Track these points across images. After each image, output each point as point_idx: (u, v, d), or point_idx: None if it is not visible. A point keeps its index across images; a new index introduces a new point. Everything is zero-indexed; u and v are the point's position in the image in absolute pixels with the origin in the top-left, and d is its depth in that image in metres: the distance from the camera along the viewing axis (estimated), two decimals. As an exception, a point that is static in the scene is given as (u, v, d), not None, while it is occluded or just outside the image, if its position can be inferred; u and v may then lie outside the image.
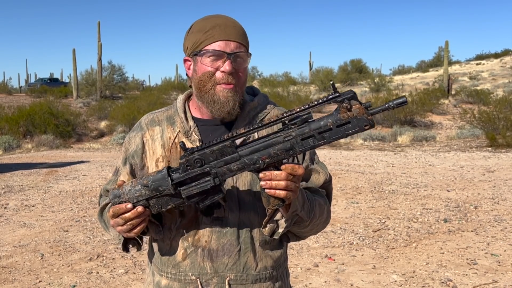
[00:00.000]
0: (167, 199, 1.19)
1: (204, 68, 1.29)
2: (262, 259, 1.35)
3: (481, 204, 6.36)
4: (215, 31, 1.29)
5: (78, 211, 6.42)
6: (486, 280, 3.93)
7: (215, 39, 1.28)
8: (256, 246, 1.34)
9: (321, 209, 1.34)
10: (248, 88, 1.46)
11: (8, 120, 17.18)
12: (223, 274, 1.32)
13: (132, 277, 4.14)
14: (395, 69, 59.75)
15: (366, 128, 1.11)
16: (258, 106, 1.40)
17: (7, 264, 4.43)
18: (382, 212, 6.10)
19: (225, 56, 1.28)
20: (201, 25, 1.32)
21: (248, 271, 1.33)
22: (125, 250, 1.37)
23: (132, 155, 1.41)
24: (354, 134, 1.10)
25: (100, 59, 28.29)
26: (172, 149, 1.37)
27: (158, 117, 1.43)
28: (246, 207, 1.32)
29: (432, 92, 23.04)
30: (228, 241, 1.31)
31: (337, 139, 1.13)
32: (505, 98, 17.28)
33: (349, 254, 4.62)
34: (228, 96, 1.29)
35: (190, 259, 1.33)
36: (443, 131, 16.44)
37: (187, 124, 1.37)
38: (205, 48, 1.29)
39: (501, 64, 44.89)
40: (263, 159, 1.14)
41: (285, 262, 1.44)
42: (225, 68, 1.27)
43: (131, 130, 1.47)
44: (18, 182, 8.64)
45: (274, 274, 1.38)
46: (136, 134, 1.42)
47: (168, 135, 1.38)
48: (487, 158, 10.32)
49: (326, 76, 34.47)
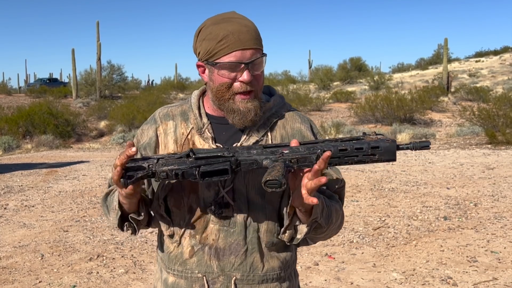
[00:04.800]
0: (173, 162, 1.17)
1: (221, 80, 1.25)
2: (269, 260, 1.34)
3: (481, 201, 6.36)
4: (229, 40, 1.23)
5: (78, 211, 6.42)
6: (486, 278, 3.93)
7: (230, 50, 1.23)
8: (262, 247, 1.33)
9: (337, 214, 1.33)
10: (265, 87, 1.43)
11: (7, 120, 17.19)
12: (230, 273, 1.31)
13: (132, 276, 4.14)
14: (395, 67, 59.91)
15: (388, 142, 1.12)
16: (274, 107, 1.38)
17: (7, 265, 4.43)
18: (382, 210, 6.10)
19: (242, 66, 1.23)
20: (213, 32, 1.25)
21: (254, 271, 1.32)
22: (121, 229, 1.37)
23: (144, 147, 1.39)
24: (378, 153, 1.12)
25: (99, 59, 28.31)
26: (184, 145, 1.35)
27: (172, 111, 1.41)
28: (255, 208, 1.31)
29: (432, 90, 23.08)
30: (235, 240, 1.31)
31: (360, 150, 1.13)
32: (504, 95, 17.28)
33: (349, 253, 4.62)
34: (248, 105, 1.27)
35: (197, 256, 1.33)
36: (442, 128, 16.45)
37: (201, 121, 1.36)
38: (220, 60, 1.24)
39: (501, 61, 44.90)
40: (283, 150, 1.14)
41: (294, 263, 1.43)
42: (244, 78, 1.24)
43: (144, 122, 1.45)
44: (18, 182, 8.64)
45: (281, 275, 1.36)
46: (150, 127, 1.41)
47: (181, 130, 1.37)
48: (487, 156, 10.32)
49: (325, 75, 34.49)
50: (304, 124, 1.40)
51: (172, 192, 1.34)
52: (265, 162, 1.14)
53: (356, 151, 1.12)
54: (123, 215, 1.33)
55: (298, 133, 1.37)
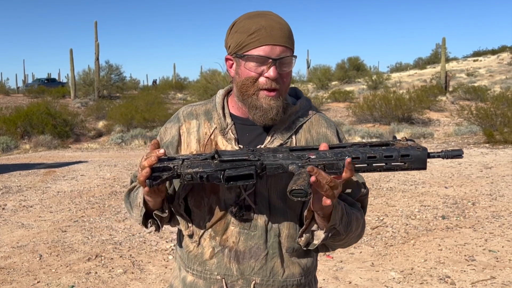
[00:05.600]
0: (198, 164, 1.16)
1: (247, 73, 1.24)
2: (289, 266, 1.32)
3: (479, 200, 6.37)
4: (260, 34, 1.22)
5: (76, 211, 6.41)
6: (484, 277, 3.94)
7: (260, 43, 1.22)
8: (283, 252, 1.31)
9: (357, 223, 1.30)
10: (291, 89, 1.42)
11: (5, 120, 17.15)
12: (249, 278, 1.29)
13: (130, 277, 4.14)
14: (393, 67, 59.96)
15: (419, 150, 1.10)
16: (300, 110, 1.36)
17: (5, 265, 4.43)
18: (380, 210, 6.11)
19: (270, 61, 1.22)
20: (246, 25, 1.24)
21: (275, 277, 1.30)
22: (145, 226, 1.35)
23: (167, 146, 1.37)
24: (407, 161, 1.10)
25: (97, 59, 28.27)
26: (207, 145, 1.34)
27: (196, 110, 1.39)
28: (276, 212, 1.29)
29: (430, 89, 23.12)
30: (255, 244, 1.29)
31: (390, 158, 1.10)
32: (502, 95, 17.33)
33: (347, 252, 4.63)
34: (271, 103, 1.25)
35: (217, 258, 1.31)
36: (440, 128, 16.47)
37: (225, 121, 1.34)
38: (249, 52, 1.23)
39: (498, 60, 44.97)
40: (309, 155, 1.12)
41: (314, 270, 1.42)
42: (269, 74, 1.22)
43: (167, 120, 1.43)
44: (16, 182, 8.62)
45: (302, 281, 1.34)
46: (173, 125, 1.39)
47: (204, 130, 1.35)
48: (485, 155, 10.33)
49: (323, 74, 34.50)
50: (330, 129, 1.38)
51: (193, 192, 1.32)
52: (291, 167, 1.12)
53: (385, 158, 1.10)
54: (147, 212, 1.32)
55: (324, 138, 1.35)
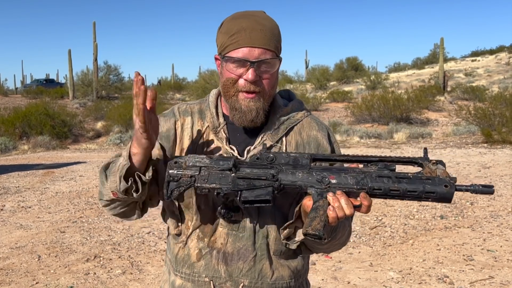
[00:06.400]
0: (216, 177, 1.16)
1: (228, 74, 1.25)
2: (278, 268, 1.31)
3: (477, 200, 6.38)
4: (239, 36, 1.22)
5: (75, 212, 6.41)
6: (483, 276, 3.94)
7: (238, 45, 1.22)
8: (271, 254, 1.31)
9: (343, 230, 1.30)
10: (284, 92, 1.42)
11: (4, 121, 17.14)
12: (238, 280, 1.29)
13: (129, 277, 4.14)
14: (391, 67, 59.93)
15: (446, 188, 1.06)
16: (291, 112, 1.36)
17: (4, 266, 4.42)
18: (378, 210, 6.12)
19: (248, 64, 1.22)
20: (229, 26, 1.25)
21: (263, 279, 1.29)
22: (124, 192, 1.23)
23: (161, 138, 1.34)
24: (432, 197, 1.06)
25: (96, 59, 28.25)
26: (199, 143, 1.34)
27: (191, 108, 1.40)
28: (265, 214, 1.28)
29: (428, 89, 23.16)
30: (244, 245, 1.28)
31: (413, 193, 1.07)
32: (500, 94, 17.37)
33: (346, 252, 4.63)
34: (250, 105, 1.25)
35: (204, 260, 1.31)
36: (439, 128, 16.49)
37: (217, 121, 1.34)
38: (229, 54, 1.24)
39: (496, 60, 45.02)
40: (330, 178, 1.11)
41: (305, 273, 1.41)
42: (248, 76, 1.22)
43: (161, 114, 1.40)
44: (14, 183, 8.61)
45: (292, 284, 1.33)
46: (169, 119, 1.38)
47: (198, 128, 1.36)
48: (483, 154, 10.35)
49: (322, 74, 34.52)
50: (321, 132, 1.38)
51: None
52: (309, 191, 1.12)
53: (408, 193, 1.07)
54: (128, 174, 1.20)
55: (314, 141, 1.35)
